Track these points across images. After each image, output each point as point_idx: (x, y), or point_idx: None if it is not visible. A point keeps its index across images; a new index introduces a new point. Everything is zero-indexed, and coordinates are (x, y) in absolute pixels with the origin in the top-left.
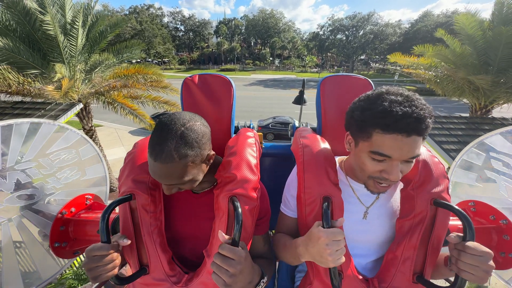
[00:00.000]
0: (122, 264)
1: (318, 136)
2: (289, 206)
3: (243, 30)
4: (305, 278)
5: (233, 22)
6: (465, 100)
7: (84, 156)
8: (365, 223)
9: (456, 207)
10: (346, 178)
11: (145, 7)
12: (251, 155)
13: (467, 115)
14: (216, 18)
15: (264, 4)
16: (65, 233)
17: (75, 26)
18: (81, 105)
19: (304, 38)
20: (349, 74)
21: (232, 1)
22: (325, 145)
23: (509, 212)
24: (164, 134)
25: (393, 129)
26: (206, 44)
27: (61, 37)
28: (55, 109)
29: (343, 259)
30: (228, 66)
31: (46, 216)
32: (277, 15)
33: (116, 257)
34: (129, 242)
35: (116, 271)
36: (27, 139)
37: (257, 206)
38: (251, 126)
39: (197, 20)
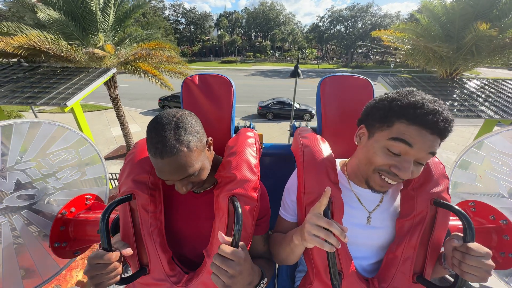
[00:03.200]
0: (122, 265)
1: (318, 136)
2: (288, 211)
3: (243, 23)
4: (305, 278)
5: (234, 15)
6: (435, 70)
7: (84, 156)
8: (368, 228)
9: (456, 207)
10: (349, 182)
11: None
12: (251, 155)
13: None
14: (216, 12)
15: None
16: (65, 233)
17: (109, 4)
18: (114, 70)
19: (304, 31)
20: (349, 74)
21: None
22: (325, 145)
23: (509, 212)
24: (160, 131)
25: (420, 121)
26: (207, 38)
27: (99, 14)
28: (94, 72)
29: (328, 247)
30: (229, 58)
31: (46, 216)
32: (277, 7)
33: (119, 265)
34: (131, 252)
35: (118, 278)
36: (27, 139)
37: (257, 206)
38: (251, 126)
39: (198, 12)
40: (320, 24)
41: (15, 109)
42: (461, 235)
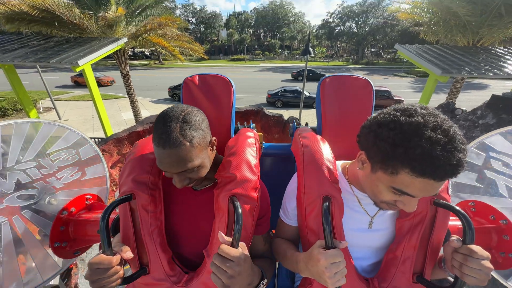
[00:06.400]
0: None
1: (318, 136)
2: (288, 216)
3: (252, 23)
4: (305, 279)
5: (243, 15)
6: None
7: (84, 156)
8: (370, 232)
9: (456, 207)
10: (350, 187)
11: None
12: (251, 155)
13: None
14: (226, 14)
15: None
16: (65, 233)
17: None
18: (125, 39)
19: (314, 30)
20: (348, 74)
21: None
22: (325, 145)
23: (509, 212)
24: (167, 122)
25: (428, 175)
26: (217, 38)
27: None
28: (106, 41)
29: (344, 280)
30: (238, 56)
31: (46, 216)
32: (287, 6)
33: (120, 269)
34: (131, 256)
35: (120, 281)
36: (27, 139)
37: (257, 206)
38: (251, 126)
39: (208, 12)
40: (330, 20)
41: (35, 96)
42: (461, 238)
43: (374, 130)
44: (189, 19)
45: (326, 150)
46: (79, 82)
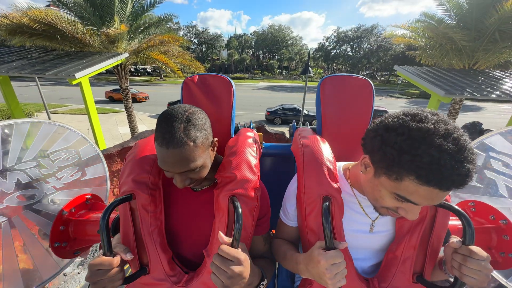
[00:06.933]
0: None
1: (318, 137)
2: (288, 217)
3: (252, 45)
4: (305, 279)
5: (244, 37)
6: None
7: (84, 156)
8: (371, 234)
9: (456, 207)
10: (352, 189)
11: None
12: (251, 155)
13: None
14: (227, 35)
15: (274, 23)
16: (65, 233)
17: None
18: (126, 54)
19: (311, 53)
20: (348, 74)
21: (244, 21)
22: (325, 145)
23: (509, 212)
24: (171, 122)
25: (434, 184)
26: (217, 57)
27: (117, 2)
28: (106, 55)
29: (344, 281)
30: (238, 75)
31: (46, 216)
32: (285, 30)
33: (121, 270)
34: (132, 257)
35: (121, 282)
36: (27, 139)
37: (257, 206)
38: (251, 126)
39: (210, 33)
40: (327, 43)
41: (31, 109)
42: (461, 239)
43: (381, 134)
44: (192, 39)
45: (326, 150)
46: (114, 98)
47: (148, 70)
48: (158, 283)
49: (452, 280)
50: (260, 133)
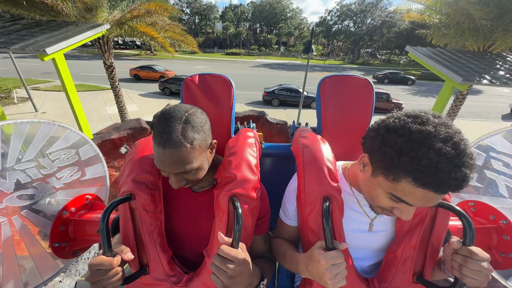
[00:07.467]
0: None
1: (318, 136)
2: (288, 216)
3: (249, 16)
4: (305, 279)
5: (240, 8)
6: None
7: (84, 156)
8: (370, 233)
9: (457, 207)
10: (351, 188)
11: None
12: (251, 155)
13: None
14: (222, 6)
15: None
16: (65, 233)
17: None
18: (107, 26)
19: (311, 27)
20: (349, 74)
21: None
22: (325, 145)
23: (509, 212)
24: (170, 122)
25: (430, 187)
26: (212, 30)
27: None
28: (84, 26)
29: (344, 281)
30: (234, 50)
31: (46, 216)
32: (284, 1)
33: (121, 270)
34: (132, 257)
35: (121, 282)
36: (27, 139)
37: (257, 206)
38: (251, 126)
39: (203, 3)
40: (328, 18)
41: (9, 85)
42: (461, 239)
43: (381, 135)
44: (183, 9)
45: (326, 150)
46: (140, 76)
47: (137, 42)
48: (158, 283)
49: (450, 279)
50: (260, 133)
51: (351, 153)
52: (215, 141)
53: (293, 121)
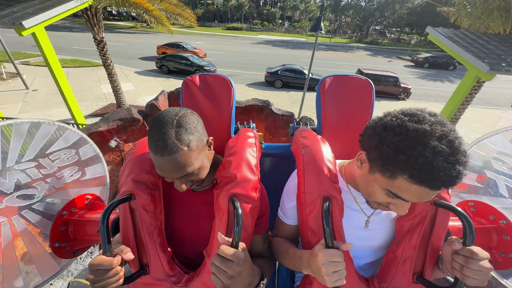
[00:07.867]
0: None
1: (318, 136)
2: (287, 215)
3: None
4: (305, 278)
5: None
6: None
7: (84, 156)
8: (366, 231)
9: (457, 207)
10: (347, 185)
11: None
12: (251, 155)
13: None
14: None
15: None
16: (65, 233)
17: None
18: None
19: (319, 1)
20: (349, 74)
21: None
22: (325, 145)
23: (509, 212)
24: (161, 129)
25: (426, 184)
26: (211, 2)
27: None
28: None
29: (343, 281)
30: (235, 24)
31: (46, 216)
32: None
33: (121, 270)
34: (132, 257)
35: (121, 281)
36: (27, 139)
37: (257, 206)
38: (251, 126)
39: None
40: None
41: None
42: (461, 239)
43: (379, 133)
44: None
45: (326, 150)
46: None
47: (133, 13)
48: (158, 283)
49: (449, 277)
50: (261, 133)
51: (351, 153)
52: (211, 137)
53: (293, 121)
